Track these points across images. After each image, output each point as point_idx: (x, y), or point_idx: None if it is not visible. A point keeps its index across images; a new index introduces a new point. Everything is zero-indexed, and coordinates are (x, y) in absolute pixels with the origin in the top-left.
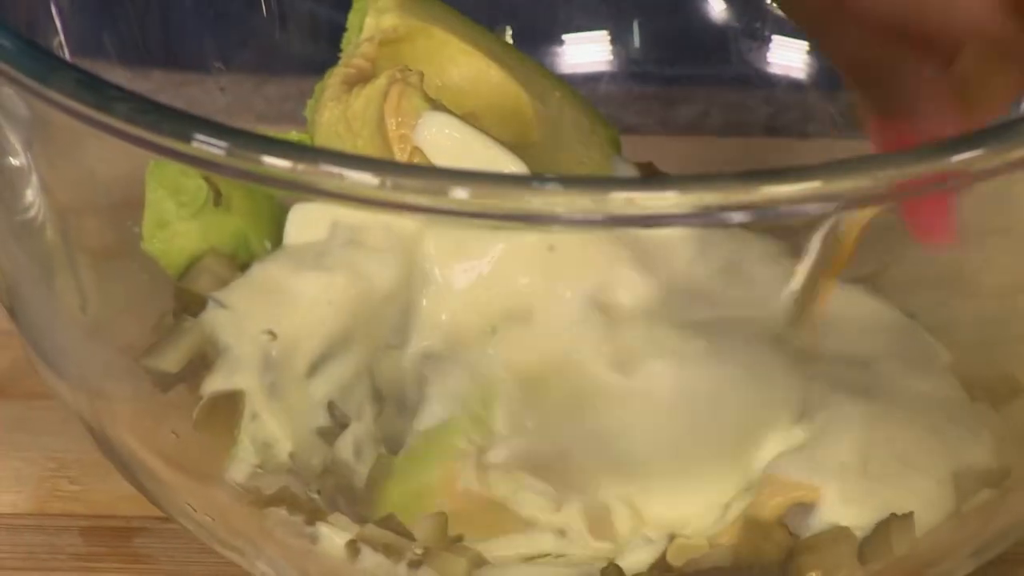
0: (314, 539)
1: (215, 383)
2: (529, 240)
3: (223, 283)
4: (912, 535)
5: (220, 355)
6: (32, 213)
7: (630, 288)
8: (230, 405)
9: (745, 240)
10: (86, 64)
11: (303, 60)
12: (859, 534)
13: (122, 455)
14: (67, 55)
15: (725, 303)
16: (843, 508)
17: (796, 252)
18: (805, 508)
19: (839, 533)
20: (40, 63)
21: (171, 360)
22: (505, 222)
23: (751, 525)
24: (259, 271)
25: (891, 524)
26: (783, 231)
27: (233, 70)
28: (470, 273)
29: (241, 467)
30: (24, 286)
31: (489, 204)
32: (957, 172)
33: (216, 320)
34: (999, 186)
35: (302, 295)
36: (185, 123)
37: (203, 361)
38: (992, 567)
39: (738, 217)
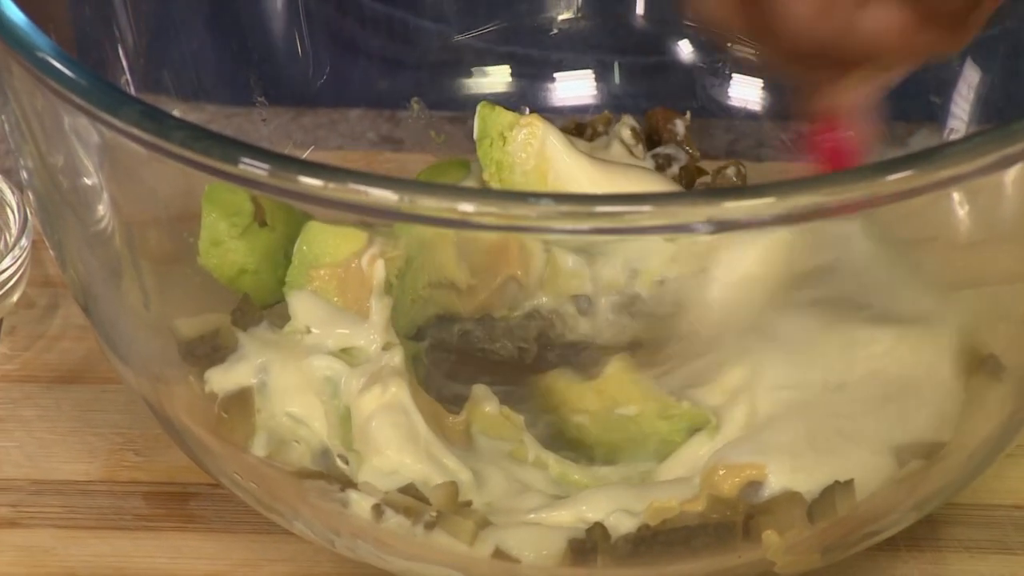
0: (344, 503)
1: (217, 372)
2: None
3: None
4: (853, 498)
5: (233, 351)
6: (103, 225)
7: None
8: (245, 397)
9: None
10: (148, 98)
11: (334, 94)
12: (808, 498)
13: (178, 430)
14: (132, 90)
15: None
16: (792, 476)
17: None
18: (757, 484)
19: (791, 497)
20: (110, 97)
21: (189, 327)
22: (506, 232)
23: (713, 500)
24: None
25: (835, 489)
26: None
27: (273, 103)
28: None
29: (260, 447)
30: (96, 287)
31: (492, 216)
32: (890, 190)
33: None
34: (927, 201)
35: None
36: (233, 148)
37: (217, 351)
38: (920, 526)
39: (704, 228)
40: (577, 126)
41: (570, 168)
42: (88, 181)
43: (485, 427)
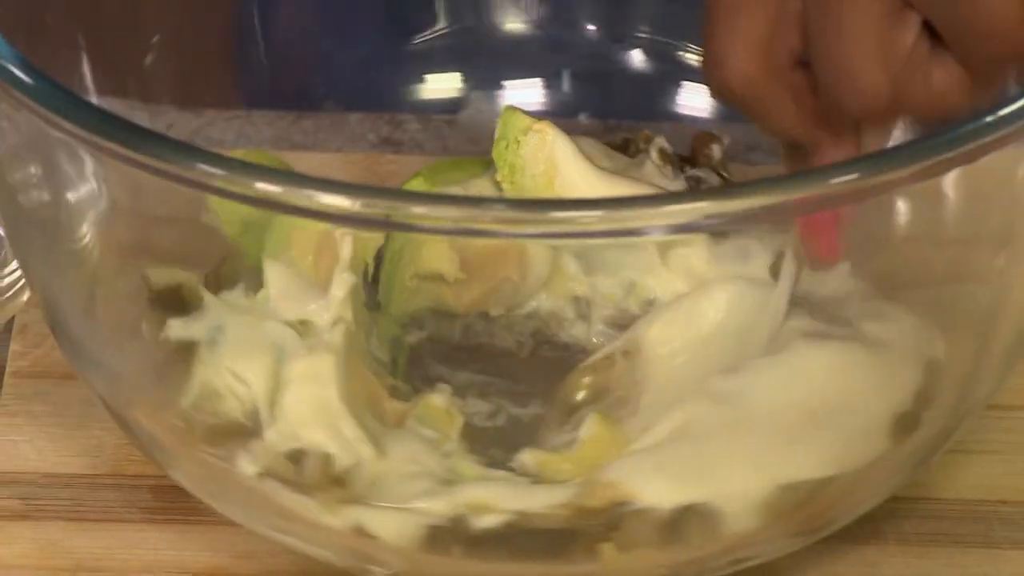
0: (233, 464)
1: (177, 325)
2: None
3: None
4: (718, 525)
5: (197, 308)
6: (84, 242)
7: None
8: (188, 349)
9: None
10: (148, 102)
11: (334, 98)
12: (669, 518)
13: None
14: (133, 94)
15: None
16: (665, 496)
17: None
18: (627, 501)
19: (644, 515)
20: (62, 102)
21: (159, 276)
22: (457, 236)
23: (581, 509)
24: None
25: (696, 511)
26: None
27: (275, 106)
28: None
29: (190, 396)
30: (64, 304)
31: (442, 220)
32: (846, 190)
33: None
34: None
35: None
36: (186, 153)
37: (181, 303)
38: (908, 520)
39: (654, 232)
40: (624, 141)
41: (574, 175)
42: (72, 196)
43: (424, 416)
